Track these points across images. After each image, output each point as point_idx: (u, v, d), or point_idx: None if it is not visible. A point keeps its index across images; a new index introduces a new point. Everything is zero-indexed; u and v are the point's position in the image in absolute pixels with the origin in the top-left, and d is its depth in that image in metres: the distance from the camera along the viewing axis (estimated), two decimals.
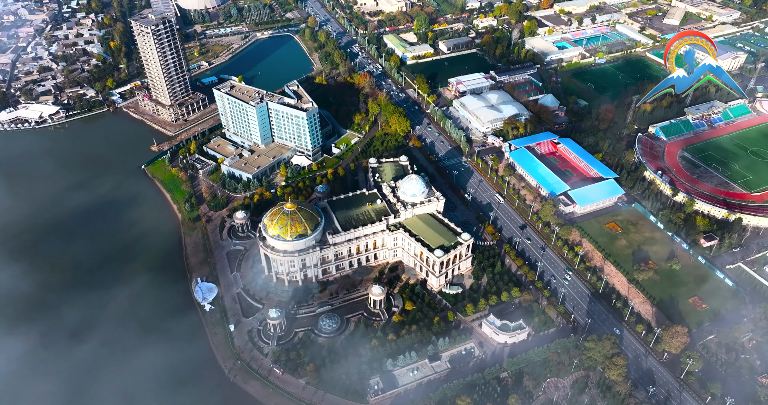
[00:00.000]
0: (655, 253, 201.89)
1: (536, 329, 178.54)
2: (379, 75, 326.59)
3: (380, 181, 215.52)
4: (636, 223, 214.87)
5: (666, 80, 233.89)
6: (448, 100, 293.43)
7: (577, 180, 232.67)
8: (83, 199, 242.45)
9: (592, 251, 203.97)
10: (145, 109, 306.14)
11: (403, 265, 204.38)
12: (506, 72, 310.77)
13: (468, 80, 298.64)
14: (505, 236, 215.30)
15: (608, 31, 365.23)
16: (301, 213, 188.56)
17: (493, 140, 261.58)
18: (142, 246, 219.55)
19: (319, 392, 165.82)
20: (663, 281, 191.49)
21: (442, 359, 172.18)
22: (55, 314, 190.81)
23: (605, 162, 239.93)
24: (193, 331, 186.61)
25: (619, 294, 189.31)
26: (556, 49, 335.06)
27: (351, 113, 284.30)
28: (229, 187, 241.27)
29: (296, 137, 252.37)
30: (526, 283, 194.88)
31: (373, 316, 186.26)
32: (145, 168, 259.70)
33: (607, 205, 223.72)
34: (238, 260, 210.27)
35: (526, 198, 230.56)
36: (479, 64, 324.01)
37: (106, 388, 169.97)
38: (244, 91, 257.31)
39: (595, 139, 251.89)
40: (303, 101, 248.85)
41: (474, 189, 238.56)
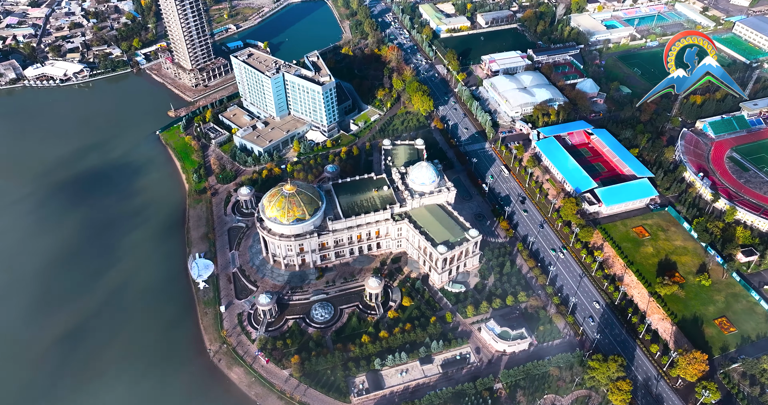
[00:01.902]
0: (684, 265, 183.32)
1: (540, 339, 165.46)
2: (409, 48, 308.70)
3: (391, 165, 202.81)
4: (667, 229, 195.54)
5: (666, 80, 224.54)
6: (479, 80, 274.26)
7: (606, 176, 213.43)
8: (96, 161, 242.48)
9: (614, 257, 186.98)
10: (167, 73, 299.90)
11: (407, 256, 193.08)
12: (545, 51, 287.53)
13: (502, 58, 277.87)
14: (519, 233, 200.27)
15: (665, 10, 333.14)
16: (301, 196, 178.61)
17: (521, 126, 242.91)
18: (146, 215, 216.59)
19: (302, 386, 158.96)
20: (688, 297, 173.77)
21: (435, 363, 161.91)
22: (53, 278, 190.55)
23: (641, 159, 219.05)
24: (184, 309, 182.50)
25: (636, 308, 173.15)
26: (603, 28, 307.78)
27: (374, 88, 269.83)
28: (240, 159, 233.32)
29: (311, 111, 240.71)
30: (536, 287, 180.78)
31: (369, 309, 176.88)
32: (160, 134, 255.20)
33: (636, 207, 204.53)
34: (238, 238, 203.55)
35: (548, 192, 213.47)
36: (517, 41, 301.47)
37: (82, 351, 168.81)
38: (262, 60, 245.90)
39: (633, 132, 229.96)
40: (321, 74, 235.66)
41: (493, 179, 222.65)
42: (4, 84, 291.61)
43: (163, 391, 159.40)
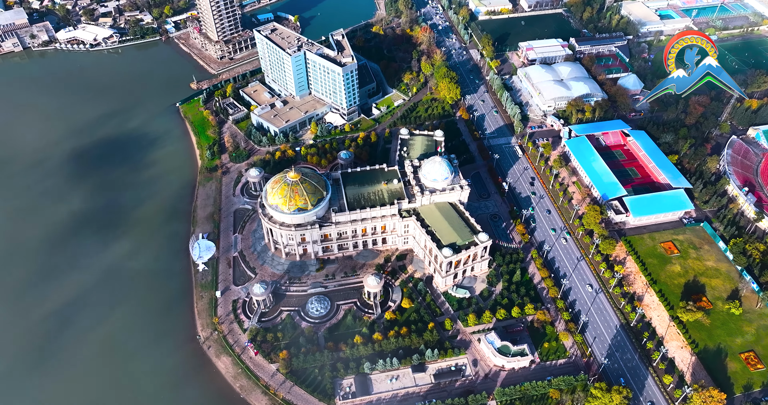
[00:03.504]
0: (714, 290, 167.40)
1: (543, 357, 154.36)
2: (444, 29, 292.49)
3: (405, 156, 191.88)
4: (699, 247, 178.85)
5: (666, 80, 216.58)
6: (513, 68, 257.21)
7: (639, 183, 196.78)
8: (114, 129, 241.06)
9: (635, 274, 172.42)
10: (194, 43, 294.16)
11: (413, 254, 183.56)
12: (589, 41, 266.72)
13: (541, 46, 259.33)
14: (536, 239, 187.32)
15: (731, 1, 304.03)
16: (304, 185, 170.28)
17: (553, 122, 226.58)
18: (155, 189, 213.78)
19: (288, 383, 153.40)
20: (714, 326, 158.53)
21: (428, 372, 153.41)
22: (55, 247, 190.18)
23: (680, 166, 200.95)
24: (181, 290, 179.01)
25: (654, 332, 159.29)
26: (657, 18, 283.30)
27: (402, 71, 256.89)
28: (255, 138, 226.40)
29: (332, 93, 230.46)
30: (546, 299, 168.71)
31: (366, 307, 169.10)
32: (180, 106, 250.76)
33: (668, 220, 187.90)
34: (243, 221, 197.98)
35: (573, 196, 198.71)
36: (560, 28, 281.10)
37: (76, 324, 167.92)
38: (285, 36, 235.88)
39: (675, 136, 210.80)
40: (344, 54, 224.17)
41: (515, 177, 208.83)
42: (37, 45, 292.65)
43: (149, 374, 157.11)
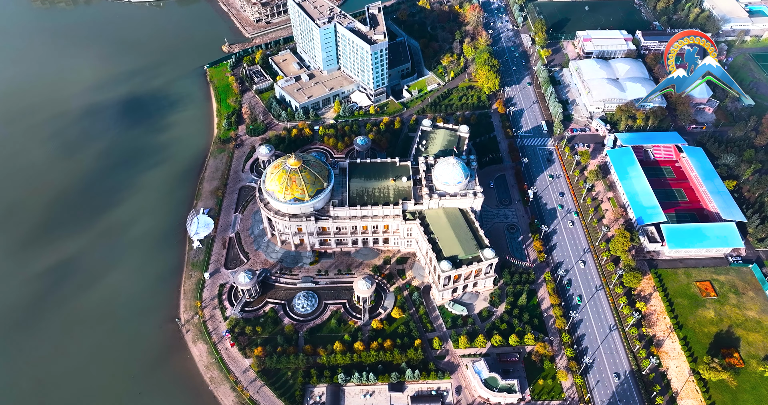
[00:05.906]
0: (750, 346, 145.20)
1: (535, 396, 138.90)
2: (497, 9, 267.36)
3: (423, 151, 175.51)
4: (742, 293, 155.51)
5: (666, 80, 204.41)
6: (565, 60, 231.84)
7: (684, 209, 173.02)
8: (138, 86, 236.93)
9: (660, 314, 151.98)
10: (233, 2, 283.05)
11: (414, 259, 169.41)
12: (658, 36, 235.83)
13: (601, 38, 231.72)
14: (553, 259, 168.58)
15: None
16: (304, 173, 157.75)
17: (598, 126, 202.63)
18: (166, 154, 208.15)
19: (258, 382, 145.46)
20: (742, 389, 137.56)
21: (405, 392, 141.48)
22: (59, 205, 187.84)
23: (737, 195, 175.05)
24: (172, 265, 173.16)
25: (668, 385, 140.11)
26: (745, 14, 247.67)
27: (442, 52, 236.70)
28: (274, 112, 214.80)
29: (360, 71, 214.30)
30: (551, 329, 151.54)
31: (355, 311, 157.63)
32: (207, 69, 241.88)
33: (710, 256, 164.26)
34: (246, 200, 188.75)
35: (605, 214, 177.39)
36: (628, 18, 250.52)
37: (64, 288, 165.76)
38: (318, 5, 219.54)
39: (737, 158, 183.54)
40: (376, 31, 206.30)
41: (543, 185, 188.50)
42: None
43: (124, 349, 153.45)
